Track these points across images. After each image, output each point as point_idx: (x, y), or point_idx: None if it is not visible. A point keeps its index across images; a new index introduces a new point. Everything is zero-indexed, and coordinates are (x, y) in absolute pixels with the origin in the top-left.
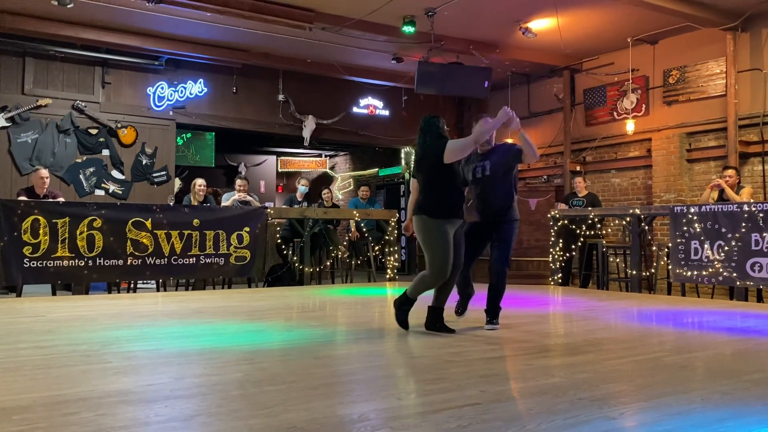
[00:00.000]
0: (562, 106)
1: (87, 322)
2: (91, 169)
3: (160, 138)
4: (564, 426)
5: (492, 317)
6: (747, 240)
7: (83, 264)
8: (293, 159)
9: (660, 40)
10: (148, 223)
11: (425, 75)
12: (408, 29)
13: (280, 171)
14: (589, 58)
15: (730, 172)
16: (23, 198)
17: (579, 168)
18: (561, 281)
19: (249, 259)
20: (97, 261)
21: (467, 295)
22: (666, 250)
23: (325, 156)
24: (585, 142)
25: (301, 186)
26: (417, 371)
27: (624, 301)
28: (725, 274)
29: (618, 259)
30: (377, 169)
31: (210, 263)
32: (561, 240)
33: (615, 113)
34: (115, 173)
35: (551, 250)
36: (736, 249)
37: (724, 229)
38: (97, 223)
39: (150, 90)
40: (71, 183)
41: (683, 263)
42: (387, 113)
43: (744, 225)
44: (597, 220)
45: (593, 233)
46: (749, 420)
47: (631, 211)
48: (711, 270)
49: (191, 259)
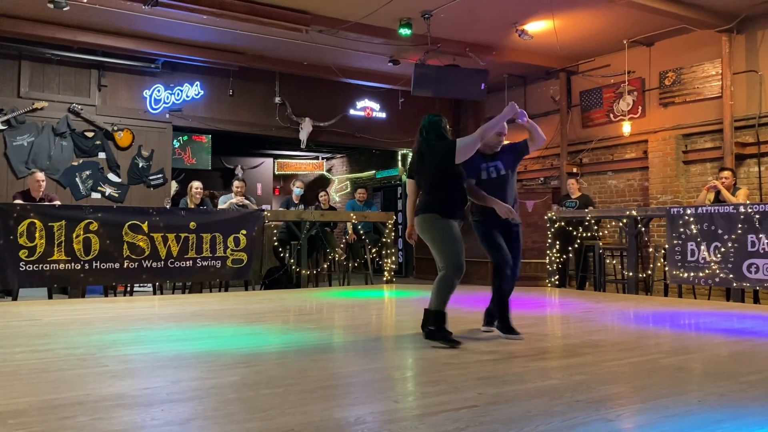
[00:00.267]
0: (558, 108)
1: (83, 325)
2: (88, 172)
3: (156, 141)
4: (561, 428)
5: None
6: (743, 241)
7: (79, 267)
8: (290, 161)
9: (656, 42)
10: (144, 226)
11: (422, 77)
12: (404, 32)
13: (276, 173)
14: (585, 60)
15: (726, 173)
16: (19, 201)
17: (576, 170)
18: (558, 283)
19: (246, 262)
20: (94, 264)
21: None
22: (663, 251)
23: (322, 158)
24: (581, 143)
25: (296, 188)
26: (414, 374)
27: (621, 303)
28: (722, 275)
29: (615, 261)
30: (374, 172)
31: (207, 266)
32: (558, 242)
33: (611, 115)
34: (112, 176)
35: (548, 251)
36: (732, 250)
37: (720, 231)
38: (94, 227)
39: (146, 93)
40: (67, 186)
41: (680, 265)
42: (384, 115)
43: (740, 226)
44: (593, 222)
45: (590, 235)
46: (746, 421)
47: (628, 213)
48: (708, 271)
49: (188, 262)
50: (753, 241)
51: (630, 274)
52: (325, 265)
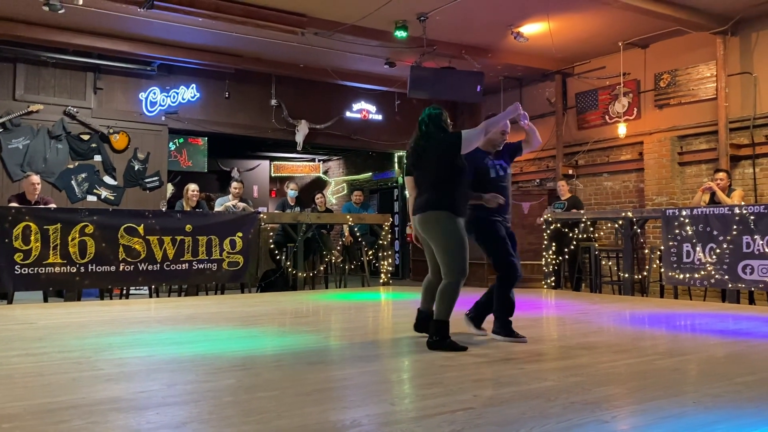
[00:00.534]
0: (554, 110)
1: (79, 328)
2: (83, 175)
3: (152, 143)
4: (557, 430)
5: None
6: (738, 242)
7: (75, 270)
8: (286, 164)
9: (651, 44)
10: (140, 229)
11: (418, 79)
12: (400, 34)
13: (273, 176)
14: (581, 62)
15: (721, 175)
16: (14, 204)
17: (571, 171)
18: (554, 284)
19: (242, 265)
20: (89, 267)
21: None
22: (658, 253)
23: (319, 160)
24: (577, 145)
25: (290, 190)
26: (410, 376)
27: (617, 304)
28: (717, 276)
29: (610, 262)
30: (371, 174)
31: (203, 269)
32: (554, 243)
33: (607, 117)
34: (107, 179)
35: (544, 253)
36: (727, 251)
37: (715, 232)
38: (89, 229)
39: (142, 95)
40: (63, 189)
41: (675, 266)
42: (380, 117)
43: (735, 228)
44: (589, 223)
45: (585, 236)
46: (741, 422)
47: (624, 215)
48: (703, 273)
49: (184, 265)
50: (748, 243)
51: (626, 275)
52: (322, 268)
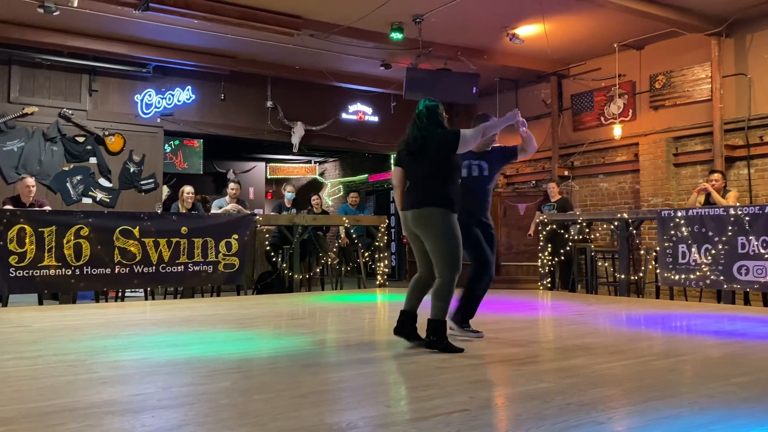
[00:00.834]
0: (549, 111)
1: (74, 331)
2: (78, 177)
3: (147, 145)
4: (553, 431)
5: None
6: (734, 243)
7: (70, 273)
8: (282, 165)
9: (646, 45)
10: (135, 231)
11: (414, 81)
12: (396, 36)
13: (269, 177)
14: (576, 63)
15: (716, 176)
16: (9, 207)
17: (567, 173)
18: (550, 286)
19: (238, 267)
20: (85, 270)
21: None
22: (654, 254)
23: (315, 162)
24: (573, 147)
25: (288, 193)
26: (406, 378)
27: (612, 305)
28: (712, 277)
29: (606, 263)
30: (367, 175)
31: (198, 271)
32: (550, 245)
33: (602, 118)
34: (103, 181)
35: (540, 254)
36: (723, 252)
37: (711, 233)
38: (84, 232)
39: (137, 97)
40: (58, 191)
41: (671, 267)
42: (376, 119)
43: (730, 229)
44: (585, 224)
45: (581, 237)
46: (736, 423)
47: (619, 216)
48: (698, 273)
49: (179, 267)
50: (743, 243)
51: (622, 276)
52: (318, 269)
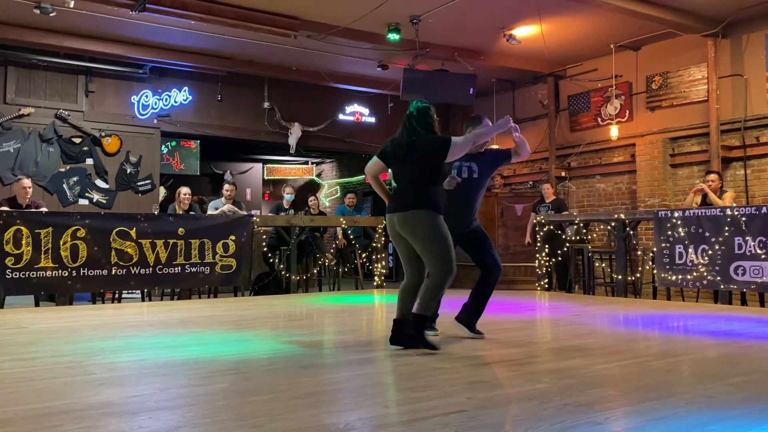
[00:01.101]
0: (546, 112)
1: (71, 333)
2: (75, 179)
3: (144, 147)
4: None
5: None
6: (730, 244)
7: (67, 274)
8: (280, 166)
9: (642, 46)
10: (132, 233)
11: (411, 82)
12: (393, 36)
13: (266, 178)
14: (573, 64)
15: (712, 176)
16: (5, 208)
17: (564, 174)
18: (547, 286)
19: (235, 268)
20: (81, 271)
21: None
22: (651, 254)
23: (312, 163)
24: (570, 147)
25: (287, 194)
26: (404, 379)
27: (610, 306)
28: (709, 277)
29: (603, 264)
30: (364, 176)
31: (195, 272)
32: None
33: (599, 119)
34: (99, 182)
35: (537, 255)
36: (719, 253)
37: (707, 234)
38: (81, 233)
39: (134, 98)
40: (55, 193)
41: (668, 267)
42: (373, 120)
43: (727, 229)
44: (582, 225)
45: (578, 238)
46: (733, 423)
47: (616, 216)
48: (695, 274)
49: (176, 269)
50: (740, 244)
51: (619, 277)
52: (315, 271)
